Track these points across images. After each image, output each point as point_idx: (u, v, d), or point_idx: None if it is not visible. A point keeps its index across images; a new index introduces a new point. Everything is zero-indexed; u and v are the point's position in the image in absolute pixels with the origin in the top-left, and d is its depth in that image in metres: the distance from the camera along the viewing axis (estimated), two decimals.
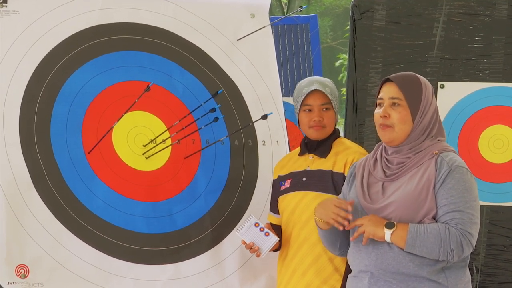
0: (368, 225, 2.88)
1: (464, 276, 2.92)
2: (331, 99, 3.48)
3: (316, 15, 6.13)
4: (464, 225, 2.82)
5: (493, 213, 4.37)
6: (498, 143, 4.40)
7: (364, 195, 2.99)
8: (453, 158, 2.90)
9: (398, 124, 2.94)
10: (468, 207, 2.84)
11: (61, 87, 3.62)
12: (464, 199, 2.84)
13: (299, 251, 3.46)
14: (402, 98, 2.95)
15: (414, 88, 2.96)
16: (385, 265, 2.89)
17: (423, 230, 2.82)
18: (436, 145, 2.95)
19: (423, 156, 2.93)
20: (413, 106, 2.94)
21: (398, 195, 2.91)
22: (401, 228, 2.84)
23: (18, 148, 3.49)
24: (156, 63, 3.83)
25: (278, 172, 3.64)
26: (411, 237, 2.82)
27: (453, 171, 2.87)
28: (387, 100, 2.97)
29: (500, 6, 4.39)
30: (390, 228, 2.84)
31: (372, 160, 3.04)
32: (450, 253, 2.81)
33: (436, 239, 2.81)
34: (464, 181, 2.86)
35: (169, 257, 3.68)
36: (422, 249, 2.82)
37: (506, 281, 4.37)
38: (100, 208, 3.59)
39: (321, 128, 3.49)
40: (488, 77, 4.40)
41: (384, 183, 2.97)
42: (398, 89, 2.95)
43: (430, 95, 2.97)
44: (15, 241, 3.43)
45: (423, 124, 2.95)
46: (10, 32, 3.57)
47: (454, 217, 2.82)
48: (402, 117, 2.94)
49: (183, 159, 3.79)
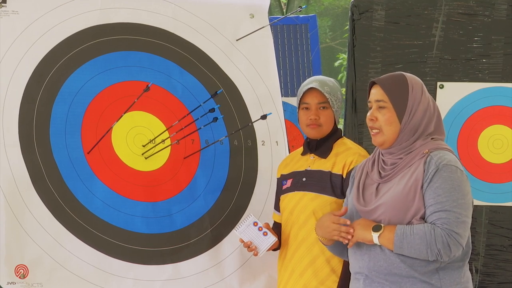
0: (357, 229, 2.90)
1: (460, 277, 2.90)
2: (328, 98, 3.47)
3: (315, 15, 6.13)
4: (450, 224, 2.79)
5: (492, 213, 4.37)
6: (498, 143, 4.40)
7: (358, 197, 2.99)
8: (442, 157, 2.87)
9: (384, 126, 2.93)
10: (455, 206, 2.81)
11: (60, 87, 3.62)
12: (451, 198, 2.81)
13: (297, 252, 3.47)
14: (386, 100, 2.94)
15: (398, 89, 2.94)
16: (377, 266, 2.89)
17: (409, 231, 2.82)
18: (428, 144, 2.93)
19: (414, 156, 2.92)
20: (399, 107, 2.92)
21: (387, 197, 2.90)
22: (388, 230, 2.85)
23: (18, 148, 3.49)
24: (156, 63, 3.83)
25: (281, 171, 3.65)
26: (398, 239, 2.82)
27: (440, 170, 2.84)
28: (374, 103, 2.97)
29: (500, 6, 4.39)
30: (377, 231, 2.86)
31: (370, 162, 3.04)
32: (437, 253, 2.80)
33: (422, 240, 2.80)
34: (452, 179, 2.84)
35: (168, 257, 3.68)
36: (410, 250, 2.82)
37: (505, 281, 4.37)
38: (99, 208, 3.59)
39: (317, 127, 3.49)
40: (488, 77, 4.40)
41: (379, 184, 2.97)
42: (382, 91, 2.95)
43: (418, 94, 2.94)
44: (14, 241, 3.42)
45: (412, 124, 2.92)
46: (9, 32, 3.57)
47: (440, 217, 2.80)
48: (388, 119, 2.93)
49: (182, 159, 3.79)
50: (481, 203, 4.36)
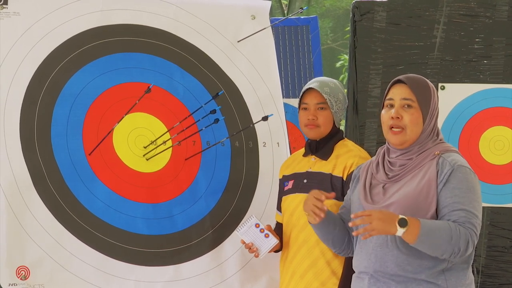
0: (379, 224, 2.73)
1: (465, 278, 2.90)
2: (326, 98, 3.47)
3: (317, 17, 6.13)
4: (471, 224, 2.80)
5: (493, 214, 4.37)
6: (499, 145, 4.40)
7: (366, 196, 2.98)
8: (455, 158, 2.90)
9: (410, 126, 2.93)
10: (473, 207, 2.82)
11: (61, 89, 3.62)
12: (469, 198, 2.83)
13: (298, 254, 3.47)
14: (414, 100, 2.93)
15: (425, 91, 2.96)
16: (384, 267, 2.88)
17: (435, 226, 2.76)
18: (438, 146, 2.95)
19: (425, 157, 2.93)
20: (425, 109, 2.94)
21: (398, 195, 2.90)
22: (413, 224, 2.74)
23: (19, 150, 3.49)
24: (157, 65, 3.83)
25: (283, 172, 3.65)
26: (425, 232, 2.73)
27: (456, 171, 2.85)
28: (398, 101, 2.95)
29: (501, 7, 4.39)
30: (404, 226, 2.73)
31: (375, 164, 3.04)
32: (456, 251, 2.78)
33: (448, 236, 2.75)
34: (468, 180, 2.85)
35: (169, 259, 3.68)
36: (430, 247, 2.76)
37: (506, 282, 4.37)
38: (100, 210, 3.59)
39: (314, 127, 3.49)
40: (489, 79, 4.40)
41: (386, 184, 2.97)
42: (410, 90, 2.94)
43: (436, 98, 2.98)
44: (15, 243, 3.43)
45: (430, 127, 2.95)
46: (10, 34, 3.57)
47: (460, 215, 2.80)
48: (415, 119, 2.93)
49: (183, 160, 3.79)
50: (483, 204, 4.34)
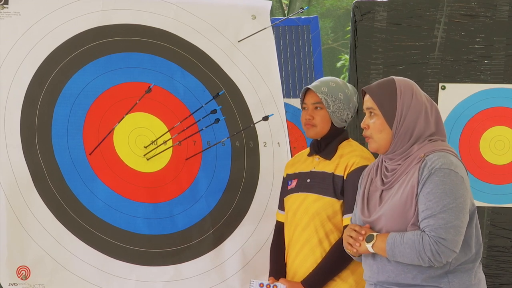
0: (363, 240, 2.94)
1: (471, 278, 2.86)
2: (322, 98, 3.46)
3: (317, 17, 6.12)
4: (437, 231, 2.75)
5: (494, 214, 4.37)
6: (499, 145, 4.40)
7: (363, 209, 2.99)
8: (436, 160, 2.82)
9: (375, 134, 2.94)
10: (444, 211, 2.76)
11: (62, 89, 3.63)
12: (441, 203, 2.77)
13: (300, 253, 3.47)
14: (375, 107, 2.93)
15: (386, 95, 2.92)
16: (385, 277, 2.89)
17: (399, 240, 2.81)
18: (425, 147, 2.89)
19: (412, 161, 2.88)
20: (388, 114, 2.91)
21: (387, 207, 2.89)
22: (380, 239, 2.86)
23: (19, 150, 3.49)
24: (157, 65, 3.83)
25: (287, 170, 3.65)
26: (390, 248, 2.82)
27: (432, 175, 2.80)
28: (366, 111, 2.98)
29: (501, 7, 4.39)
30: (370, 242, 2.88)
31: (374, 168, 3.03)
32: (429, 260, 2.77)
33: (411, 249, 2.78)
34: (444, 183, 2.78)
35: (169, 259, 3.68)
36: (403, 259, 2.81)
37: (507, 282, 4.37)
38: (101, 209, 3.59)
39: (311, 127, 3.50)
40: (489, 79, 4.40)
41: (382, 192, 2.96)
42: (370, 99, 2.95)
43: (407, 98, 2.90)
44: (16, 242, 3.43)
45: (405, 129, 2.89)
46: (11, 34, 3.57)
47: (428, 223, 2.77)
48: (377, 127, 2.93)
49: (184, 160, 3.79)
50: (483, 204, 4.36)
